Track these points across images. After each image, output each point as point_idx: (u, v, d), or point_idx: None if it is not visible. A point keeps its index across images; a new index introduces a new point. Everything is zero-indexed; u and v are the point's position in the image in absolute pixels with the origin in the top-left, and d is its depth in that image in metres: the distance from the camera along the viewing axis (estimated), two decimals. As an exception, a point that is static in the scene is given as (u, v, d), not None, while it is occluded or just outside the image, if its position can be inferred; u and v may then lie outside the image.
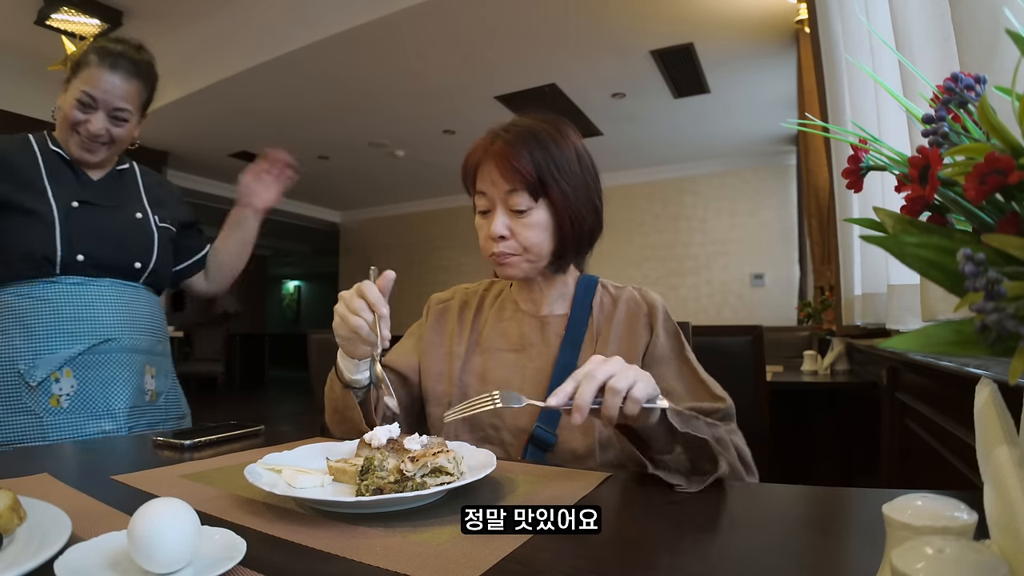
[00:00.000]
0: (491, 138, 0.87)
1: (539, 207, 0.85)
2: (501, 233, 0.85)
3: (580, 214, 0.87)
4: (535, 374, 0.90)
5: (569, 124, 0.90)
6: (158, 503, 0.41)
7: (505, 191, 0.84)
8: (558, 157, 0.85)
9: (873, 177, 0.41)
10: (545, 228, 0.86)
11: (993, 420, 0.30)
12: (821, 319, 2.88)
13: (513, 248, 0.86)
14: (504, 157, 0.83)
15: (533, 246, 0.86)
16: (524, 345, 0.94)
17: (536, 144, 0.84)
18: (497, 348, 0.95)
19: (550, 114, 0.90)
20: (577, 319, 0.93)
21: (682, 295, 6.18)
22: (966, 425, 0.90)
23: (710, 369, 0.90)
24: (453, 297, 1.06)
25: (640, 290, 0.97)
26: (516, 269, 0.88)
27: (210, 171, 6.24)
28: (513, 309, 0.99)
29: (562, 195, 0.85)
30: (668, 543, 0.52)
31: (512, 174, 0.83)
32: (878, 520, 0.31)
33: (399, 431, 0.72)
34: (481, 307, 1.02)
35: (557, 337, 0.93)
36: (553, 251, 0.88)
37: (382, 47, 3.63)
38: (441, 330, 1.02)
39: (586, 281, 0.98)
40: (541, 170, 0.83)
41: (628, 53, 3.79)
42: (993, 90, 0.33)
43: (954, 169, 0.31)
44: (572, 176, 0.86)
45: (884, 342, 0.28)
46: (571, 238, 0.88)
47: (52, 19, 3.51)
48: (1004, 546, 0.28)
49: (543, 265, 0.89)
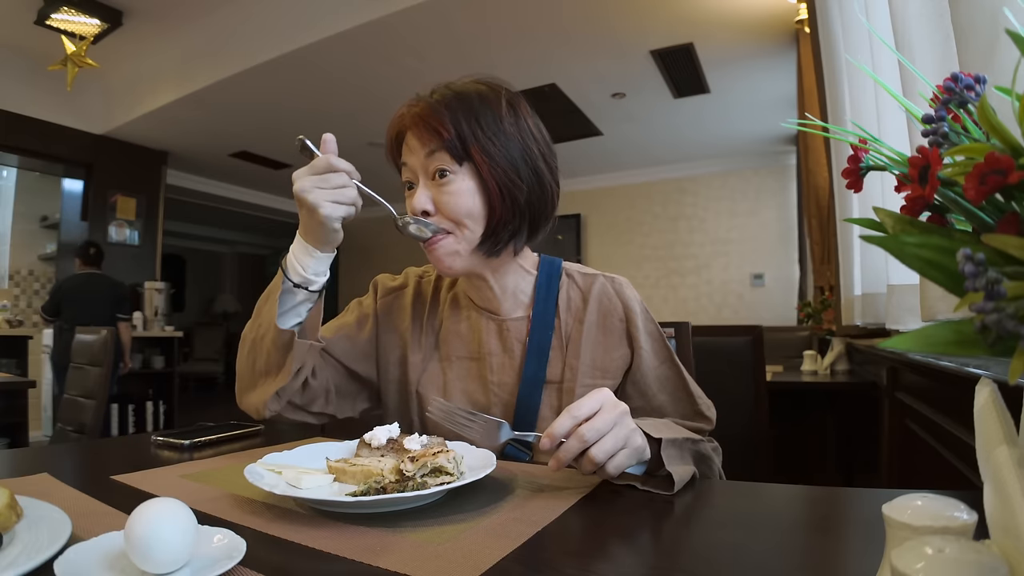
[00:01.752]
0: (413, 102, 0.77)
1: (463, 172, 0.75)
2: (423, 207, 0.75)
3: (512, 180, 0.75)
4: (498, 388, 0.82)
5: (510, 88, 0.80)
6: (155, 503, 0.41)
7: (424, 155, 0.75)
8: (483, 113, 0.74)
9: (873, 177, 0.41)
10: (471, 196, 0.75)
11: (993, 420, 0.30)
12: (821, 319, 2.88)
13: (442, 225, 0.75)
14: (421, 118, 0.74)
15: (461, 218, 0.75)
16: (483, 354, 0.84)
17: (459, 103, 0.74)
18: (456, 356, 0.86)
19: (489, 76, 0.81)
20: (541, 322, 0.83)
21: (682, 295, 6.18)
22: (966, 425, 0.90)
23: (710, 369, 0.89)
24: (406, 284, 0.93)
25: (612, 282, 0.86)
26: (453, 258, 0.77)
27: (210, 171, 6.24)
28: (468, 307, 0.88)
29: (487, 156, 0.73)
30: (668, 543, 0.52)
31: (430, 135, 0.74)
32: (878, 520, 0.31)
33: (399, 431, 0.72)
34: (436, 300, 0.91)
35: (519, 344, 0.83)
36: (484, 227, 0.76)
37: (382, 47, 3.63)
38: (392, 327, 0.90)
39: (548, 268, 0.87)
40: (460, 127, 0.73)
41: (628, 53, 3.79)
42: (993, 90, 0.33)
43: (954, 169, 0.31)
44: (501, 135, 0.75)
45: (884, 342, 0.28)
46: (503, 212, 0.75)
47: (52, 19, 3.51)
48: (1004, 546, 0.28)
49: (475, 246, 0.77)
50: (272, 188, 6.96)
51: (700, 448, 0.73)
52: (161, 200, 5.47)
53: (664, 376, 0.84)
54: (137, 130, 4.88)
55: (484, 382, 0.83)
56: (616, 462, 0.60)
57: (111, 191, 5.03)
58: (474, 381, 0.84)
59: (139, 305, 5.07)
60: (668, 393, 0.84)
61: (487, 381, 0.83)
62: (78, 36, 3.39)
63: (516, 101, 0.79)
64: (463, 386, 0.84)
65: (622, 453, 0.60)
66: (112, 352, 2.39)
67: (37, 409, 4.70)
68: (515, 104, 0.79)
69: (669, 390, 0.84)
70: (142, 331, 4.91)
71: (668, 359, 0.85)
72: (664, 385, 0.84)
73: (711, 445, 0.79)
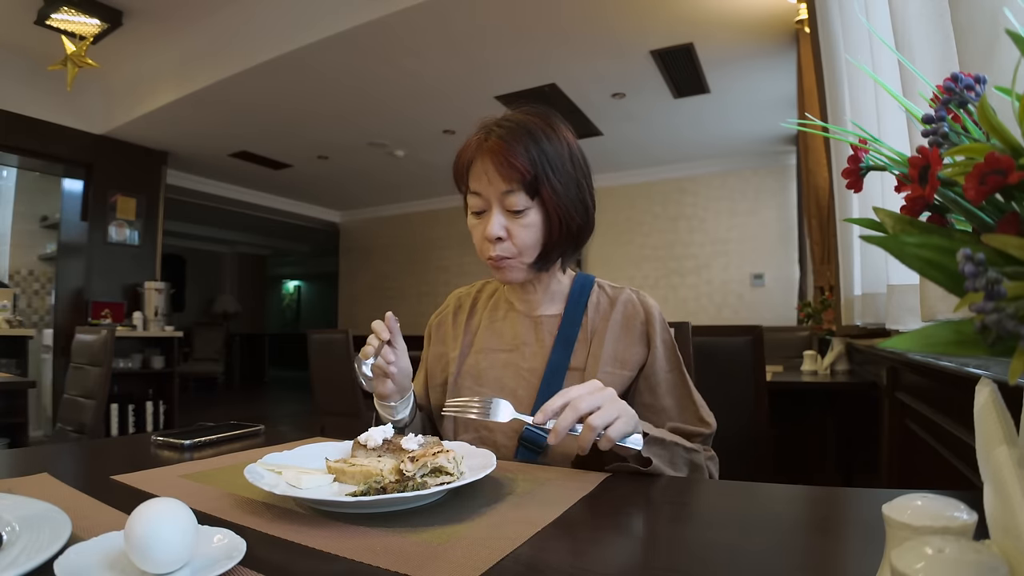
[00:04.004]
0: (485, 134, 0.84)
1: (534, 206, 0.83)
2: (498, 235, 0.83)
3: (570, 214, 0.85)
4: (528, 374, 0.90)
5: (560, 118, 0.88)
6: (154, 503, 0.41)
7: (502, 191, 0.82)
8: (551, 154, 0.83)
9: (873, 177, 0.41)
10: (538, 228, 0.85)
11: (993, 420, 0.30)
12: (821, 319, 2.88)
13: (510, 251, 0.85)
14: (500, 154, 0.81)
15: (527, 248, 0.85)
16: (517, 345, 0.93)
17: (531, 140, 0.82)
18: (491, 348, 0.95)
19: (540, 107, 0.88)
20: (570, 319, 0.92)
21: (682, 295, 6.18)
22: (966, 425, 0.90)
23: (710, 369, 0.90)
24: (447, 306, 1.06)
25: (638, 294, 0.95)
26: (515, 273, 0.87)
27: (210, 171, 6.23)
28: (507, 309, 0.98)
29: (554, 194, 0.82)
30: (667, 543, 0.52)
31: (509, 172, 0.81)
32: (878, 520, 0.31)
33: (393, 431, 0.72)
34: (474, 309, 1.02)
35: (550, 336, 0.92)
36: (540, 251, 0.87)
37: (382, 47, 3.63)
38: (440, 340, 1.02)
39: (582, 281, 0.97)
40: (536, 168, 0.81)
41: (628, 53, 3.79)
42: (993, 90, 0.33)
43: (954, 169, 0.31)
44: (564, 174, 0.84)
45: (884, 342, 0.28)
46: (558, 238, 0.85)
47: (52, 19, 3.51)
48: (1004, 546, 0.28)
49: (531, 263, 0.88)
50: (272, 188, 6.96)
51: (693, 457, 0.77)
52: (161, 200, 5.46)
53: (672, 382, 0.90)
54: (137, 130, 4.87)
55: (516, 369, 0.91)
56: (616, 428, 0.65)
57: (111, 191, 5.03)
58: (507, 369, 0.92)
59: (139, 305, 5.07)
60: (674, 398, 0.89)
61: (519, 368, 0.91)
62: (78, 36, 3.38)
63: (570, 134, 0.88)
64: (496, 374, 0.92)
65: (620, 421, 0.66)
66: (112, 352, 2.39)
67: (37, 409, 4.70)
68: (569, 139, 0.87)
69: (675, 396, 0.89)
70: (142, 331, 4.91)
71: (677, 367, 0.91)
72: (671, 390, 0.89)
73: (707, 455, 0.83)
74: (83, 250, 4.94)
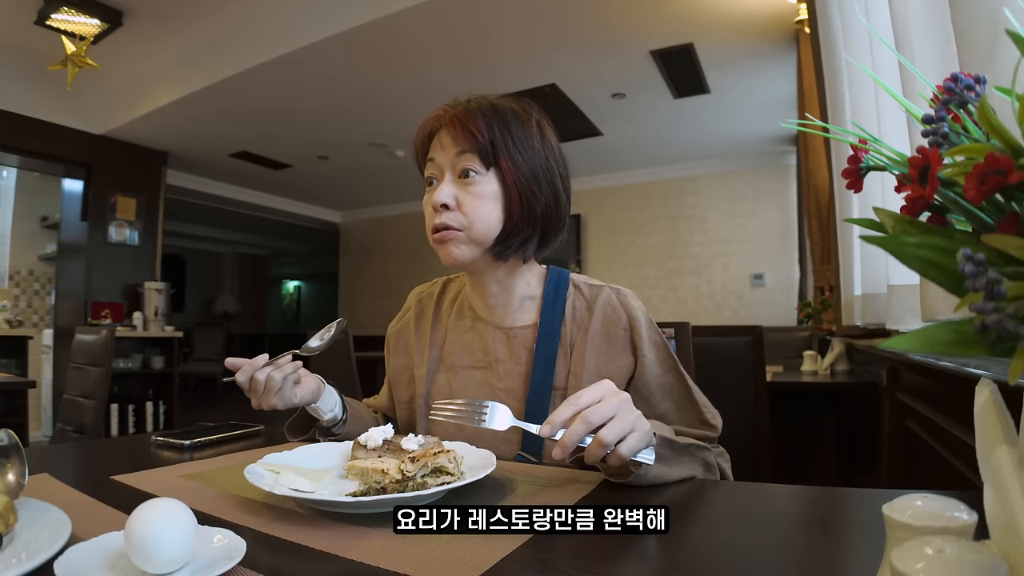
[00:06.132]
0: (448, 106, 0.82)
1: (489, 176, 0.78)
2: (444, 201, 0.78)
3: (533, 192, 0.79)
4: (504, 394, 0.84)
5: (539, 109, 0.85)
6: (154, 503, 0.41)
7: (454, 153, 0.78)
8: (515, 128, 0.79)
9: (873, 177, 0.41)
10: (493, 201, 0.78)
11: (993, 420, 0.30)
12: (821, 319, 2.88)
13: (457, 221, 0.78)
14: (458, 119, 0.78)
15: (477, 219, 0.78)
16: (490, 362, 0.86)
17: (494, 113, 0.79)
18: (462, 365, 0.88)
19: (523, 98, 0.85)
20: (548, 329, 0.84)
21: (682, 295, 6.18)
22: (966, 425, 0.90)
23: (710, 370, 0.89)
24: (408, 308, 0.98)
25: (618, 293, 0.88)
26: (460, 249, 0.79)
27: (210, 171, 6.23)
28: (472, 317, 0.90)
29: (513, 166, 0.78)
30: (667, 543, 0.52)
31: (464, 136, 0.77)
32: (878, 520, 0.31)
33: (393, 432, 0.72)
34: (438, 315, 0.94)
35: (526, 351, 0.85)
36: (500, 231, 0.80)
37: (382, 47, 3.63)
38: (401, 350, 0.96)
39: (556, 278, 0.89)
40: (494, 133, 0.77)
41: (628, 53, 3.79)
42: (993, 90, 0.33)
43: (954, 169, 0.31)
44: (528, 149, 0.79)
45: (884, 342, 0.28)
46: (519, 219, 0.79)
47: (52, 19, 3.50)
48: (1004, 546, 0.28)
49: (487, 248, 0.80)
50: (272, 188, 6.96)
51: (704, 456, 0.73)
52: (161, 200, 5.46)
53: (668, 385, 0.85)
54: (137, 130, 4.87)
55: (492, 389, 0.85)
56: (628, 444, 0.59)
57: (111, 191, 5.03)
58: (482, 389, 0.86)
59: (139, 305, 5.07)
60: (672, 402, 0.84)
61: (494, 388, 0.85)
62: (78, 36, 3.38)
63: (544, 122, 0.85)
64: (470, 395, 0.86)
65: (632, 436, 0.59)
66: (112, 352, 2.39)
67: (37, 409, 4.70)
68: (543, 124, 0.84)
69: (673, 399, 0.85)
70: (142, 331, 4.91)
71: (672, 368, 0.85)
72: (668, 394, 0.85)
73: (716, 451, 0.79)
74: (83, 250, 4.94)
